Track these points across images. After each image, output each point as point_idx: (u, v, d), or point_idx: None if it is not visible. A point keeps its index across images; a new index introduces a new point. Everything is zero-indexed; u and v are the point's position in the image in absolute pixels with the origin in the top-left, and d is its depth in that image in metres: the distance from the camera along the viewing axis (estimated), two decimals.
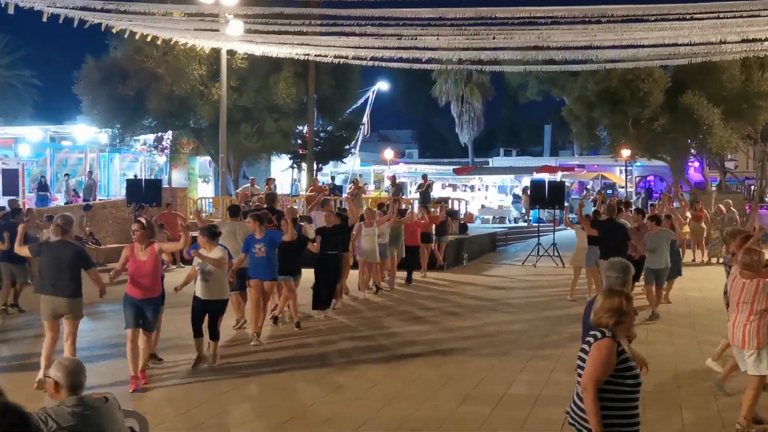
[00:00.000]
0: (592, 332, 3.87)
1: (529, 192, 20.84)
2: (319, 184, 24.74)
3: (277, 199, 13.36)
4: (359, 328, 10.74)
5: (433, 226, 16.69)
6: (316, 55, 21.29)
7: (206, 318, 8.43)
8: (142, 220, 8.25)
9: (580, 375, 3.82)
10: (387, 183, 25.15)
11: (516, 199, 31.03)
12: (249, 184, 22.68)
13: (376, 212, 14.27)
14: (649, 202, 29.49)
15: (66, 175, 25.60)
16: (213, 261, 8.20)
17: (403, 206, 21.39)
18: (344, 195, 26.60)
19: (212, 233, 8.46)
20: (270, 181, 22.24)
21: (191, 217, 22.27)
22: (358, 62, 21.86)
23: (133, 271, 7.64)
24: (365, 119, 40.77)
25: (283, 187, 33.23)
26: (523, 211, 30.76)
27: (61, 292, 7.48)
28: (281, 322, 10.88)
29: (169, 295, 8.38)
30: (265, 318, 10.10)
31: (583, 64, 21.81)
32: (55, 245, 7.71)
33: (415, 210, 19.10)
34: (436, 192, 31.80)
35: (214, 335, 8.48)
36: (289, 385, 7.73)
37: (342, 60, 20.75)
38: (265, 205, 12.41)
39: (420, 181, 24.40)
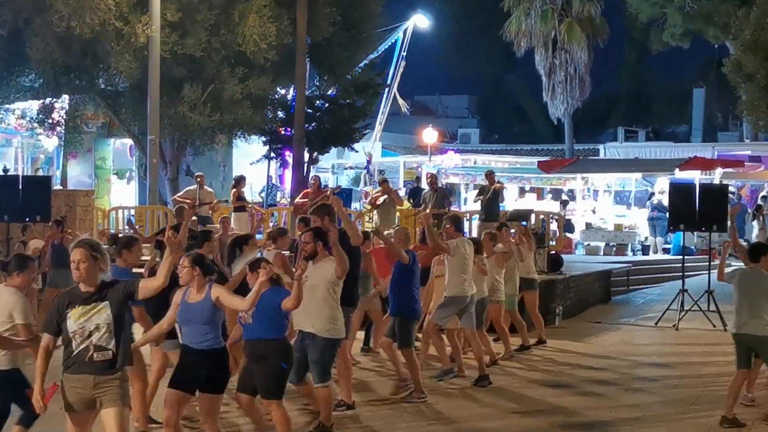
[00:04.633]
0: None
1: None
2: (320, 185, 24.29)
3: None
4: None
5: None
6: None
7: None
8: None
9: None
10: (426, 187, 24.86)
11: (658, 210, 30.46)
12: (196, 186, 22.65)
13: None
14: None
15: None
16: None
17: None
18: (356, 205, 26.27)
19: None
20: (240, 183, 22.33)
21: (102, 238, 22.15)
22: None
23: None
24: (392, 78, 40.67)
25: (253, 191, 33.17)
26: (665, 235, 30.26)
27: None
28: None
29: None
30: None
31: None
32: None
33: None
34: (509, 201, 31.60)
35: None
36: None
37: None
38: None
39: (482, 182, 24.14)
